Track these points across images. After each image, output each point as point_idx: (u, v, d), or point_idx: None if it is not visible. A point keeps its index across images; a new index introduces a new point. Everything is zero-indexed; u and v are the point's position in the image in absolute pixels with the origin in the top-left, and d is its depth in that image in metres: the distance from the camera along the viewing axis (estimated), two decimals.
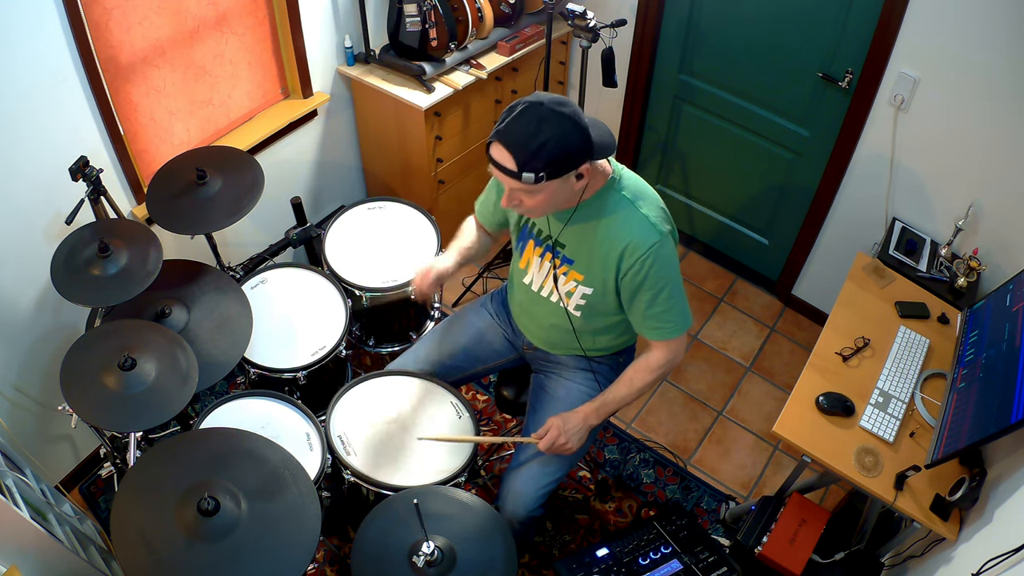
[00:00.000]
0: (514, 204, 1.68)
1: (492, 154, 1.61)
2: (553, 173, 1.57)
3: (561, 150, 1.55)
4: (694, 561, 2.04)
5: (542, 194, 1.62)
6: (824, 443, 2.05)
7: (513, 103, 1.59)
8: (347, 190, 3.40)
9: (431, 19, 2.72)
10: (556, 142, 1.54)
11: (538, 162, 1.54)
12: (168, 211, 2.19)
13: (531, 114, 1.54)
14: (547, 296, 1.93)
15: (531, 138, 1.53)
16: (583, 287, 1.84)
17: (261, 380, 2.29)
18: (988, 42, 2.28)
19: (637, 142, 3.53)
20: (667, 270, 1.73)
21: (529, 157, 1.54)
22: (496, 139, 1.58)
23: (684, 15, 3.01)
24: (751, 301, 3.50)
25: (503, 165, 1.58)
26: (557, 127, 1.54)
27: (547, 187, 1.60)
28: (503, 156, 1.57)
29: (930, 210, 2.69)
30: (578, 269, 1.83)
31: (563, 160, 1.57)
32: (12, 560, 1.67)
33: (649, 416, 3.02)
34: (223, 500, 1.54)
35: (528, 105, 1.56)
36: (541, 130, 1.53)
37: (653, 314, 1.79)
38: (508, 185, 1.62)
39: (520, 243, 1.96)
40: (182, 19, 2.37)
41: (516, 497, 1.94)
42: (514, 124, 1.55)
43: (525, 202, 1.66)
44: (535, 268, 1.93)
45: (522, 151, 1.54)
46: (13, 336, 2.28)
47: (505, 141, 1.56)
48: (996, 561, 1.59)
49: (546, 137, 1.53)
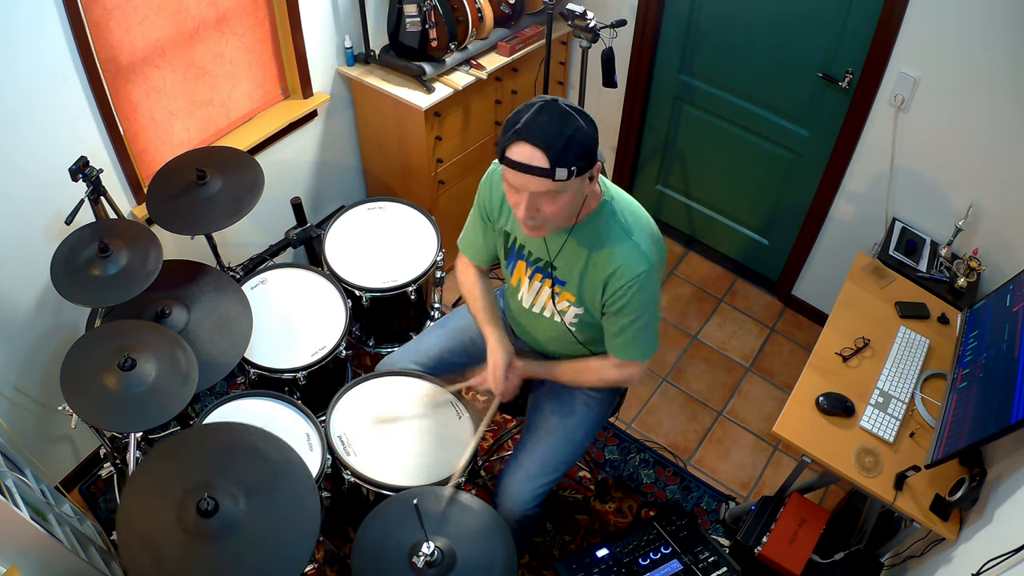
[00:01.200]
0: (532, 215, 1.58)
1: (514, 156, 1.50)
2: (582, 168, 1.51)
3: (587, 143, 1.50)
4: (694, 561, 2.04)
5: (567, 195, 1.55)
6: (824, 443, 2.05)
7: (521, 106, 1.54)
8: (347, 190, 3.40)
9: (431, 19, 2.72)
10: (582, 134, 1.49)
11: (570, 155, 1.48)
12: (168, 211, 2.19)
13: (551, 110, 1.49)
14: (540, 312, 1.92)
15: (559, 132, 1.47)
16: (575, 307, 1.84)
17: (261, 380, 2.29)
18: (988, 42, 2.28)
19: (637, 142, 3.53)
20: (648, 300, 1.72)
21: (560, 152, 1.47)
22: (519, 139, 1.49)
23: (684, 15, 3.01)
24: (751, 301, 3.50)
25: (532, 164, 1.49)
26: (579, 120, 1.50)
27: (571, 186, 1.53)
28: (531, 155, 1.48)
29: (930, 210, 2.69)
30: (570, 290, 1.81)
31: (589, 154, 1.52)
32: (12, 560, 1.67)
33: (649, 416, 3.02)
34: (223, 500, 1.54)
35: (544, 103, 1.51)
36: (567, 123, 1.48)
37: (624, 338, 1.80)
38: (531, 189, 1.53)
39: (509, 263, 1.93)
40: (182, 19, 2.37)
41: (512, 496, 1.94)
42: (536, 120, 1.49)
43: (545, 209, 1.57)
44: (526, 287, 1.91)
45: (553, 146, 1.47)
46: (13, 336, 2.28)
47: (531, 138, 1.48)
48: (996, 561, 1.59)
49: (573, 130, 1.48)
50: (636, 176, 3.68)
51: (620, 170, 3.65)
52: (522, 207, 1.58)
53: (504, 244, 1.91)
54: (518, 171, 1.51)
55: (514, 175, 1.53)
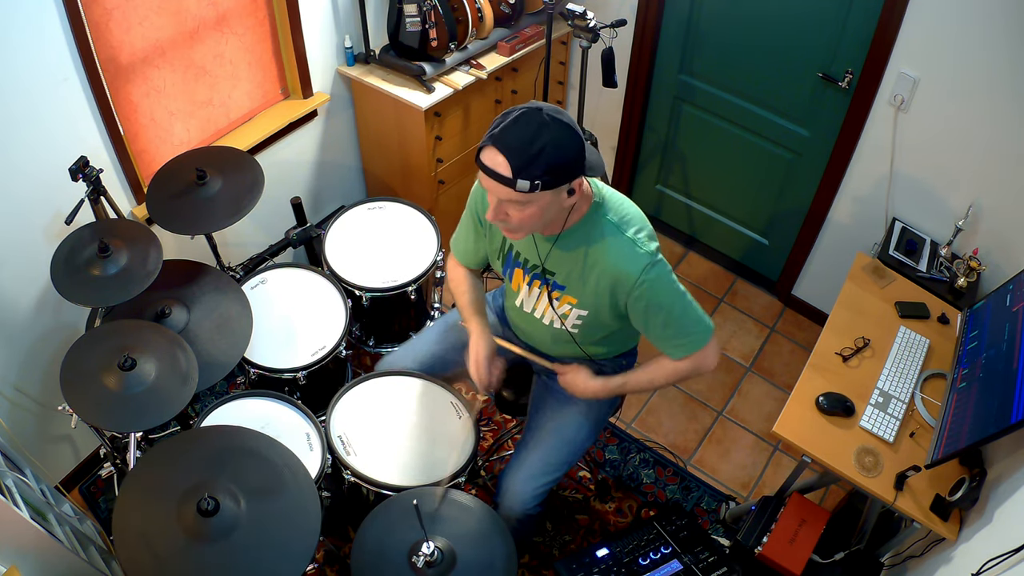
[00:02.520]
0: (500, 219, 1.58)
1: (484, 160, 1.51)
2: (549, 183, 1.49)
3: (559, 158, 1.47)
4: (694, 561, 2.04)
5: (533, 207, 1.53)
6: (824, 443, 2.05)
7: (508, 110, 1.53)
8: (347, 190, 3.40)
9: (431, 19, 2.72)
10: (554, 148, 1.46)
11: (535, 169, 1.46)
12: (168, 211, 2.19)
13: (529, 119, 1.47)
14: (540, 318, 1.91)
15: (529, 143, 1.45)
16: (578, 309, 1.81)
17: (261, 380, 2.29)
18: (988, 42, 2.28)
19: (637, 142, 3.53)
20: (667, 289, 1.69)
21: (525, 163, 1.46)
22: (490, 143, 1.49)
23: (684, 15, 3.01)
24: (751, 301, 3.50)
25: (496, 171, 1.49)
26: (556, 133, 1.47)
27: (539, 199, 1.51)
28: (497, 161, 1.48)
29: (930, 210, 2.69)
30: (571, 294, 1.79)
31: (560, 169, 1.49)
32: (12, 560, 1.67)
33: (649, 416, 3.02)
34: (223, 500, 1.54)
35: (526, 110, 1.49)
36: (540, 135, 1.46)
37: (669, 335, 1.75)
38: (498, 195, 1.53)
39: (506, 270, 1.91)
40: (182, 19, 2.37)
41: (513, 495, 1.94)
42: (511, 128, 1.47)
43: (512, 217, 1.56)
44: (525, 293, 1.90)
45: (518, 156, 1.46)
46: (13, 336, 2.28)
47: (500, 145, 1.47)
48: (996, 561, 1.59)
49: (544, 143, 1.46)
50: (636, 176, 3.68)
51: (620, 170, 3.65)
52: (491, 209, 1.60)
53: (501, 250, 1.89)
54: (485, 175, 1.53)
55: (483, 178, 1.55)
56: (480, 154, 1.53)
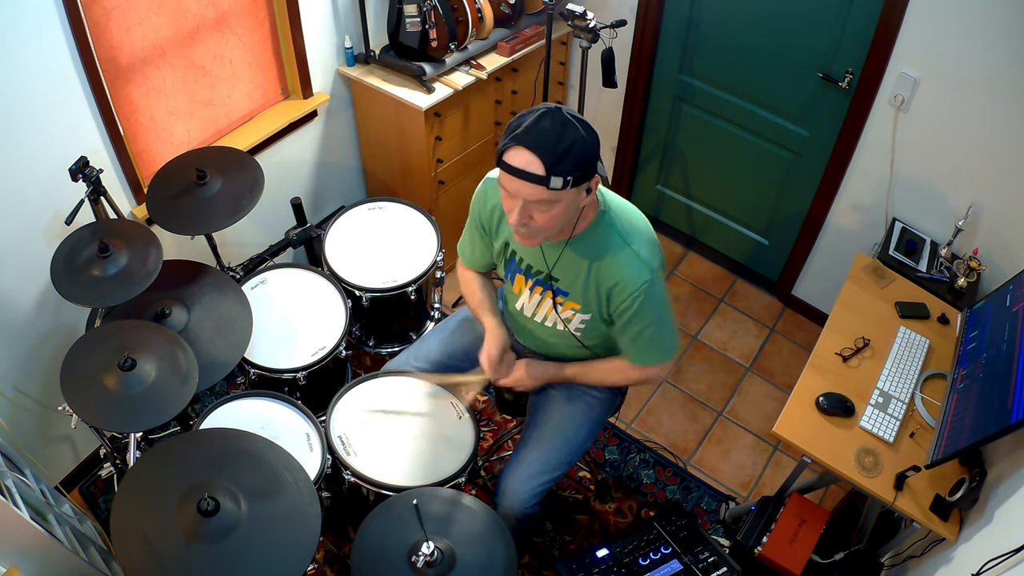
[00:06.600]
0: (524, 222, 1.56)
1: (511, 161, 1.49)
2: (579, 179, 1.49)
3: (585, 154, 1.49)
4: (694, 561, 2.04)
5: (558, 207, 1.53)
6: (824, 443, 2.05)
7: (524, 111, 1.53)
8: (347, 190, 3.40)
9: (431, 19, 2.72)
10: (581, 145, 1.48)
11: (566, 164, 1.46)
12: (168, 211, 2.19)
13: (553, 117, 1.47)
14: (541, 322, 1.92)
15: (557, 140, 1.46)
16: (581, 314, 1.83)
17: (261, 380, 2.29)
18: (988, 42, 2.28)
19: (637, 142, 3.53)
20: (657, 306, 1.72)
21: (557, 160, 1.45)
22: (517, 143, 1.48)
23: (684, 15, 3.01)
24: (751, 301, 3.50)
25: (527, 171, 1.47)
26: (580, 130, 1.48)
27: (566, 197, 1.51)
28: (527, 160, 1.47)
29: (930, 210, 2.69)
30: (574, 300, 1.80)
31: (587, 165, 1.50)
32: (12, 560, 1.67)
33: (649, 416, 3.02)
34: (223, 500, 1.54)
35: (547, 110, 1.49)
36: (566, 132, 1.46)
37: (640, 343, 1.80)
38: (525, 196, 1.51)
39: (508, 274, 1.92)
40: (182, 19, 2.37)
41: (512, 494, 1.94)
42: (536, 127, 1.47)
43: (537, 219, 1.56)
44: (526, 298, 1.90)
45: (550, 153, 1.45)
46: (13, 336, 2.28)
47: (530, 144, 1.46)
48: (996, 561, 1.59)
49: (572, 139, 1.46)
50: (636, 176, 3.68)
51: (620, 170, 3.65)
52: (515, 213, 1.56)
53: (504, 255, 1.90)
54: (514, 176, 1.50)
55: (509, 180, 1.52)
56: (505, 155, 1.51)
